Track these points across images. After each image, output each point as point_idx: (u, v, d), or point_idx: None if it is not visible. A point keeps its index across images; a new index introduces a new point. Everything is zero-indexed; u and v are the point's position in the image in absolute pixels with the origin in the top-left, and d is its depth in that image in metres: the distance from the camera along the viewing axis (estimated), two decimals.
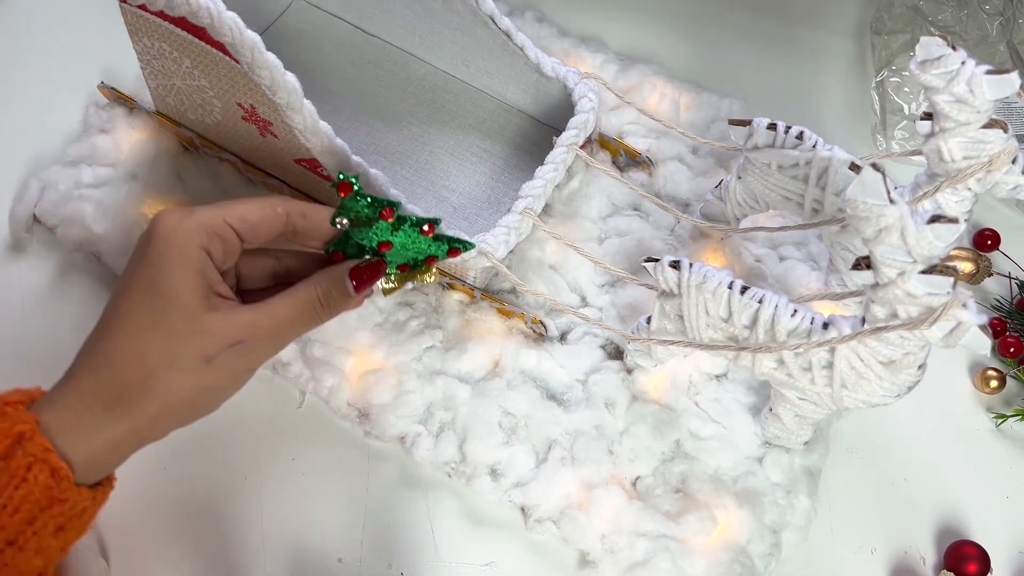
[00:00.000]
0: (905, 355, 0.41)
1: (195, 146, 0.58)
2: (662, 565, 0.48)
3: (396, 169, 0.59)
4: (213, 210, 0.40)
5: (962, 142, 0.45)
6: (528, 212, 0.52)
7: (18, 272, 0.57)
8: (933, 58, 0.43)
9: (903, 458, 0.55)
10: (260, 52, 0.45)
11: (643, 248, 0.57)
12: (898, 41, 0.69)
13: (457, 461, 0.51)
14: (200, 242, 0.39)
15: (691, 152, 0.62)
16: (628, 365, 0.53)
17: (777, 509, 0.50)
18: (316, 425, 0.53)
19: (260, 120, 0.51)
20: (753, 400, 0.53)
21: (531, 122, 0.62)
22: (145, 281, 0.39)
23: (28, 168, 0.60)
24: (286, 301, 0.41)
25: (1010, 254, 0.61)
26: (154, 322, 0.38)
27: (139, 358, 0.38)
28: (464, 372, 0.53)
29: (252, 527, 0.50)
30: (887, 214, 0.36)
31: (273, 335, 0.41)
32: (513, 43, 0.56)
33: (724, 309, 0.44)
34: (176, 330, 0.38)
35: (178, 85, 0.53)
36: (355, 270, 0.43)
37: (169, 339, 0.38)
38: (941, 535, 0.52)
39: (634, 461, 0.51)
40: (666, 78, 0.65)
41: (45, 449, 0.36)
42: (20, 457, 0.36)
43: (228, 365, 0.39)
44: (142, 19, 0.49)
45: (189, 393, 0.39)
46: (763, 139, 0.50)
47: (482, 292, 0.54)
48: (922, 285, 0.37)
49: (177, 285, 0.38)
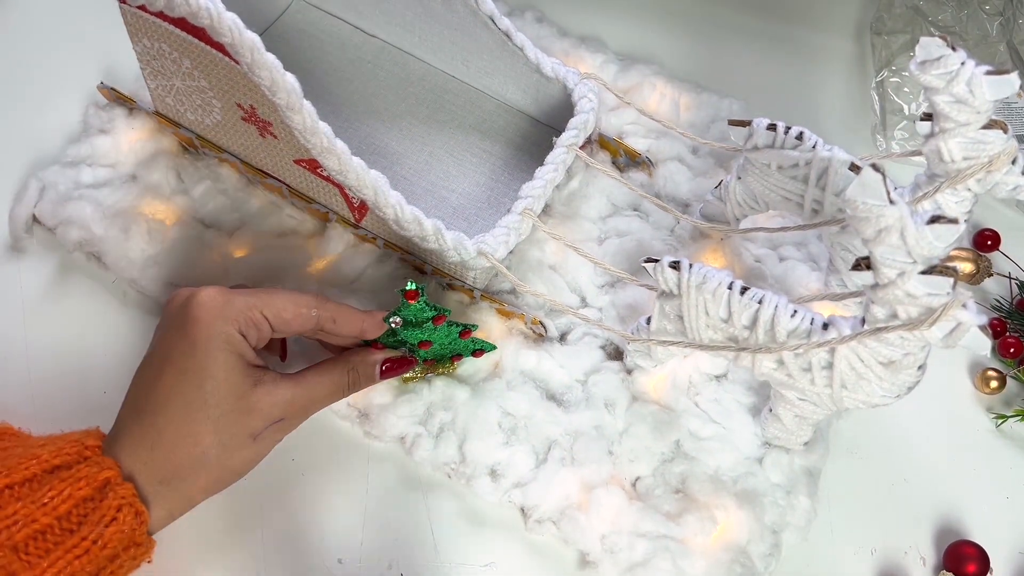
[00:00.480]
0: (905, 356, 0.41)
1: (195, 146, 0.58)
2: (662, 565, 0.48)
3: (396, 169, 0.59)
4: (251, 300, 0.43)
5: (962, 143, 0.45)
6: (528, 213, 0.52)
7: (18, 272, 0.57)
8: (933, 58, 0.43)
9: (903, 458, 0.54)
10: (260, 53, 0.45)
11: (643, 248, 0.57)
12: (898, 41, 0.69)
13: (457, 461, 0.51)
14: (240, 328, 0.42)
15: (691, 152, 0.62)
16: (628, 365, 0.53)
17: (777, 509, 0.50)
18: (316, 425, 0.53)
19: (260, 121, 0.51)
20: (753, 401, 0.53)
21: (531, 122, 0.62)
22: (193, 363, 0.41)
23: (28, 168, 0.60)
24: (322, 381, 0.46)
25: (1010, 254, 0.61)
26: (205, 404, 0.41)
27: (193, 439, 0.41)
28: (464, 373, 0.53)
29: (252, 527, 0.50)
30: (887, 214, 0.36)
31: (307, 410, 0.46)
32: (513, 43, 0.56)
33: (724, 310, 0.44)
34: (226, 411, 0.42)
35: (178, 85, 0.53)
36: (387, 361, 0.48)
37: (221, 420, 0.42)
38: (941, 535, 0.52)
39: (634, 461, 0.51)
40: (666, 78, 0.65)
41: (132, 494, 0.40)
42: (111, 499, 0.39)
43: (271, 439, 0.44)
44: (142, 20, 0.49)
45: (238, 467, 0.43)
46: (763, 139, 0.50)
47: (482, 293, 0.54)
48: (922, 285, 0.37)
49: (224, 368, 0.42)
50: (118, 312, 0.56)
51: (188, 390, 0.41)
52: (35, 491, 0.39)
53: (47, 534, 0.38)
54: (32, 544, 0.37)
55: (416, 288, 0.46)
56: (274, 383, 0.43)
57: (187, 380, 0.41)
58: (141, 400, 0.42)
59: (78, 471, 0.39)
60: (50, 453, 0.40)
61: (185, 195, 0.58)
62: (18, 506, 0.38)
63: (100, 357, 0.54)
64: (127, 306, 0.56)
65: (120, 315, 0.55)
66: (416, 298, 0.46)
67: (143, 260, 0.55)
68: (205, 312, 0.42)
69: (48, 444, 0.41)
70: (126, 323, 0.55)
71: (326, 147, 0.48)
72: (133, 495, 0.40)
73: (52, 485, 0.39)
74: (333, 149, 0.48)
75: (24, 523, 0.37)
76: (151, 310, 0.56)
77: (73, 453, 0.40)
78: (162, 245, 0.56)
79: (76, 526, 0.39)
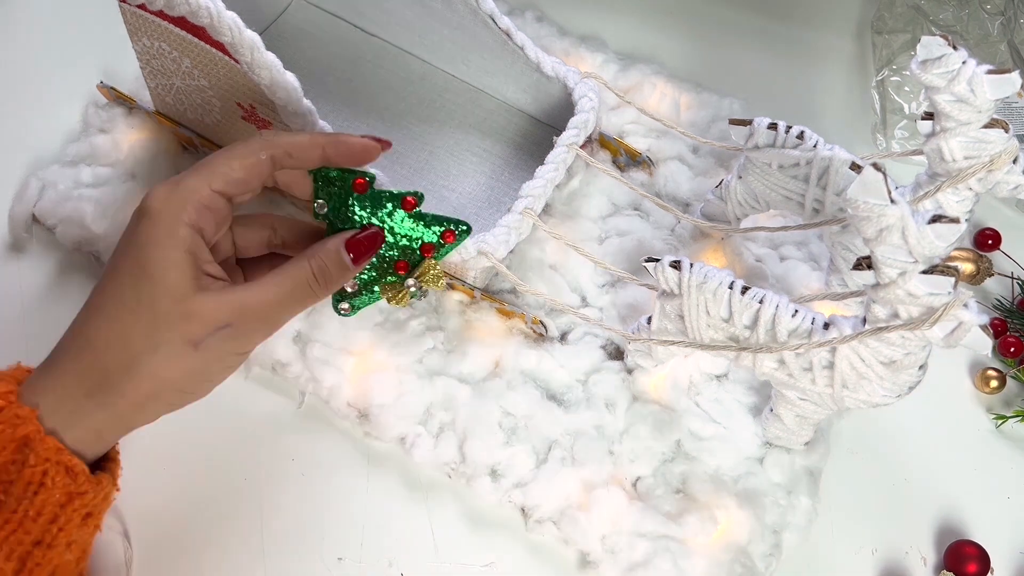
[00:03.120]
0: (906, 355, 0.41)
1: (194, 146, 0.58)
2: (662, 566, 0.48)
3: (396, 169, 0.59)
4: (197, 179, 0.38)
5: (963, 142, 0.45)
6: (528, 212, 0.52)
7: (18, 272, 0.57)
8: (934, 58, 0.43)
9: (903, 458, 0.54)
10: (260, 52, 0.45)
11: (643, 248, 0.57)
12: (899, 40, 0.69)
13: (457, 462, 0.51)
14: (189, 219, 0.37)
15: (691, 152, 0.62)
16: (628, 365, 0.53)
17: (778, 509, 0.50)
18: (316, 425, 0.53)
19: (259, 120, 0.51)
20: (754, 400, 0.53)
21: (531, 122, 0.61)
22: (132, 262, 0.37)
23: (28, 168, 0.60)
24: (277, 279, 0.39)
25: (1011, 254, 0.61)
26: (139, 305, 0.37)
27: (123, 342, 0.37)
28: (464, 372, 0.53)
29: (252, 527, 0.50)
30: (888, 214, 0.36)
31: (264, 316, 0.39)
32: (513, 42, 0.56)
33: (725, 309, 0.44)
34: (162, 313, 0.37)
35: (177, 85, 0.53)
36: (351, 241, 0.41)
37: (155, 322, 0.37)
38: (941, 535, 0.52)
39: (634, 461, 0.51)
40: (666, 78, 0.65)
41: (57, 449, 0.36)
42: (33, 461, 0.35)
43: (217, 349, 0.38)
44: (141, 19, 0.49)
45: (176, 378, 0.37)
46: (764, 139, 0.50)
47: (482, 292, 0.54)
48: (923, 285, 0.37)
49: (164, 266, 0.37)
50: None
51: (123, 291, 0.37)
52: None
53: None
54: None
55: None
56: (222, 288, 0.38)
57: (122, 281, 0.37)
58: (78, 315, 0.38)
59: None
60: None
61: None
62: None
63: None
64: None
65: None
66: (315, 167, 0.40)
67: None
68: (150, 208, 0.37)
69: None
70: None
71: None
72: (59, 450, 0.35)
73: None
74: None
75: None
76: None
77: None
78: None
79: (2, 495, 0.35)
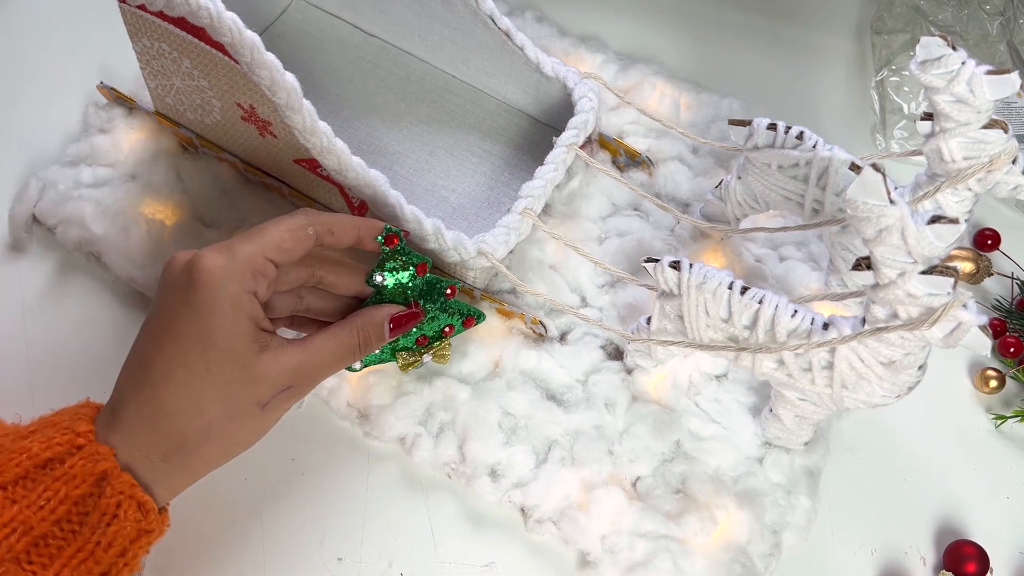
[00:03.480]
0: (905, 355, 0.41)
1: (194, 146, 0.58)
2: (662, 565, 0.48)
3: (396, 169, 0.59)
4: (251, 246, 0.40)
5: (962, 142, 0.45)
6: (528, 212, 0.52)
7: (18, 272, 0.57)
8: (933, 58, 0.43)
9: (903, 458, 0.54)
10: (259, 52, 0.45)
11: (643, 248, 0.57)
12: (898, 40, 0.69)
13: (457, 461, 0.51)
14: (248, 286, 0.40)
15: (691, 152, 0.62)
16: (628, 365, 0.53)
17: (777, 509, 0.50)
18: (316, 425, 0.53)
19: (259, 120, 0.51)
20: (753, 400, 0.53)
21: (531, 122, 0.62)
22: (196, 330, 0.39)
23: (28, 168, 0.60)
24: (330, 345, 0.43)
25: (1010, 254, 0.61)
26: (209, 372, 0.39)
27: (197, 409, 0.39)
28: (464, 372, 0.53)
29: (252, 527, 0.50)
30: (887, 214, 0.36)
31: (316, 376, 0.43)
32: (513, 43, 0.56)
33: (724, 309, 0.44)
34: (232, 380, 0.39)
35: (177, 85, 0.53)
36: (396, 317, 0.45)
37: (226, 389, 0.39)
38: (941, 535, 0.52)
39: (634, 461, 0.51)
40: (666, 78, 0.65)
41: (131, 485, 0.38)
42: (109, 494, 0.37)
43: (278, 408, 0.41)
44: (141, 19, 0.49)
45: (244, 436, 0.41)
46: (763, 139, 0.50)
47: (482, 292, 0.54)
48: (922, 285, 0.37)
49: (231, 334, 0.39)
50: (118, 312, 0.56)
51: (191, 359, 0.39)
52: (29, 491, 0.37)
53: (48, 539, 0.36)
54: (34, 552, 0.36)
55: (395, 231, 0.44)
56: (280, 348, 0.41)
57: (189, 348, 0.39)
58: (139, 372, 0.40)
59: (72, 466, 0.37)
60: (40, 445, 0.38)
61: (185, 194, 0.58)
62: (14, 511, 0.36)
63: (100, 357, 0.54)
64: (127, 306, 0.56)
65: (120, 315, 0.55)
66: (397, 242, 0.45)
67: (143, 259, 0.55)
68: (208, 275, 0.39)
69: (37, 432, 0.39)
70: (126, 323, 0.55)
71: (326, 147, 0.48)
72: (132, 486, 0.38)
73: (46, 485, 0.37)
74: (333, 149, 0.48)
75: (23, 531, 0.36)
76: None
77: (64, 443, 0.38)
78: (162, 245, 0.56)
79: (77, 526, 0.37)
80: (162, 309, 0.40)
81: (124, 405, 0.40)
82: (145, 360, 0.40)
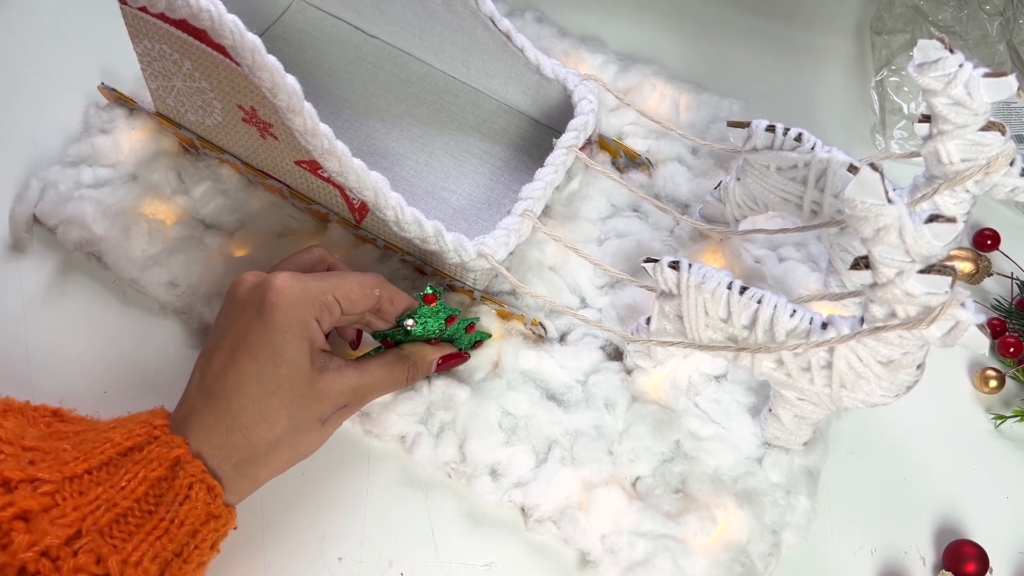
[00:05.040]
0: (904, 355, 0.41)
1: (195, 147, 0.58)
2: (662, 565, 0.48)
3: (396, 170, 0.59)
4: (324, 284, 0.44)
5: (960, 144, 0.45)
6: (528, 214, 0.52)
7: (18, 272, 0.57)
8: (931, 61, 0.43)
9: (902, 458, 0.55)
10: (261, 55, 0.45)
11: (643, 249, 0.57)
12: (898, 41, 0.69)
13: (457, 461, 0.51)
14: (315, 315, 0.44)
15: (691, 153, 0.62)
16: (628, 366, 0.53)
17: (777, 509, 0.50)
18: None
19: (260, 122, 0.51)
20: (753, 401, 0.53)
21: (531, 123, 0.62)
22: (268, 347, 0.42)
23: (28, 168, 0.60)
24: (383, 373, 0.47)
25: (1010, 254, 0.61)
26: (279, 388, 0.42)
27: (268, 423, 0.42)
28: (464, 373, 0.53)
29: (252, 527, 0.50)
30: (885, 213, 0.36)
31: (367, 398, 0.48)
32: (513, 44, 0.56)
33: (723, 309, 0.45)
34: (298, 396, 0.43)
35: (178, 86, 0.53)
36: (445, 357, 0.51)
37: (293, 404, 0.43)
38: (940, 535, 0.52)
39: (634, 461, 0.51)
40: (666, 78, 0.65)
41: (202, 471, 0.41)
42: (182, 477, 0.41)
43: (335, 423, 0.46)
44: (143, 21, 0.50)
45: (305, 448, 0.45)
46: (762, 141, 0.50)
47: (482, 294, 0.55)
48: (920, 284, 0.37)
49: (300, 353, 0.43)
50: (118, 312, 0.56)
51: (264, 375, 0.42)
52: (112, 475, 0.40)
53: (128, 517, 0.39)
54: (116, 527, 0.39)
55: (435, 292, 0.48)
56: (339, 370, 0.45)
57: (263, 365, 0.42)
58: (213, 385, 0.43)
59: (149, 452, 0.41)
60: (122, 436, 0.41)
61: (185, 195, 0.58)
62: (99, 491, 0.39)
63: (100, 357, 0.54)
64: (127, 306, 0.56)
65: (120, 315, 0.56)
66: (435, 302, 0.48)
67: (143, 260, 0.55)
68: (283, 298, 0.43)
69: (118, 427, 0.42)
70: (126, 323, 0.55)
71: (327, 149, 0.48)
72: (203, 471, 0.41)
73: (127, 468, 0.40)
74: (334, 151, 0.48)
75: (107, 507, 0.39)
76: (151, 310, 0.56)
77: (143, 434, 0.41)
78: (162, 245, 0.56)
79: (153, 506, 0.40)
80: (234, 324, 0.43)
81: (195, 415, 0.43)
82: (217, 374, 0.43)
